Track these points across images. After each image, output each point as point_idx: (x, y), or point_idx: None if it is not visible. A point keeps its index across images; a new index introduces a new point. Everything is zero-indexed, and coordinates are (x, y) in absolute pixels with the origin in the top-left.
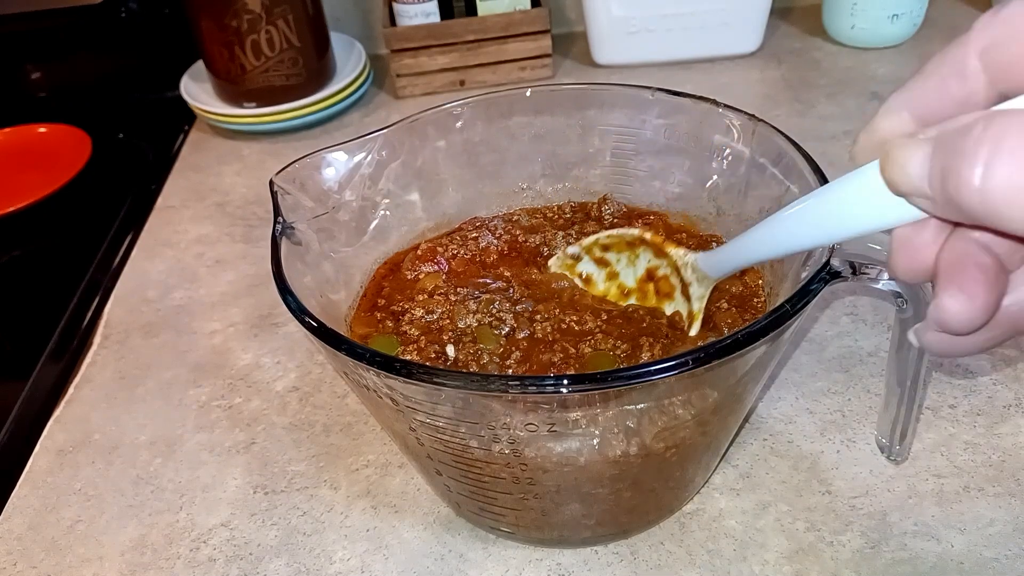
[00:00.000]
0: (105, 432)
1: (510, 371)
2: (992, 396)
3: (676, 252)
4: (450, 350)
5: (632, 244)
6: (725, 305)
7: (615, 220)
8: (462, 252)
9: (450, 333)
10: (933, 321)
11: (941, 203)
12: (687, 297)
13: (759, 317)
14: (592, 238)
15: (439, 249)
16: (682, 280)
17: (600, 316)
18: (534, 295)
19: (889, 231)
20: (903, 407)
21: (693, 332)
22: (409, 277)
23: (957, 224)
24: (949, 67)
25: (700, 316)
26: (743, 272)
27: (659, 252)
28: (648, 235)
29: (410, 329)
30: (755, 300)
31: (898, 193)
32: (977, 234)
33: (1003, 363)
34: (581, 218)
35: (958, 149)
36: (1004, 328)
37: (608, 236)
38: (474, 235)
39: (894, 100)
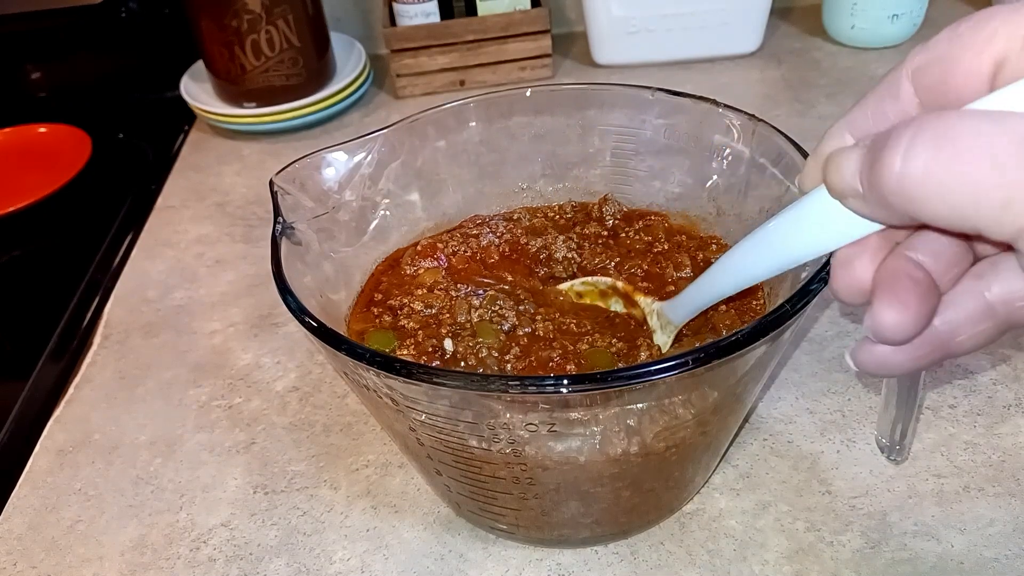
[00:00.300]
0: (105, 432)
1: (508, 366)
2: (992, 396)
3: (644, 301)
4: (448, 344)
5: (604, 293)
6: (724, 307)
7: (616, 221)
8: (462, 249)
9: (448, 327)
10: (868, 330)
11: (870, 197)
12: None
13: (759, 317)
14: (567, 284)
15: (439, 245)
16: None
17: (598, 319)
18: (537, 300)
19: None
20: (903, 407)
21: None
22: (408, 272)
23: (898, 228)
24: (885, 90)
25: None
26: None
27: (629, 301)
28: (620, 284)
29: (408, 323)
30: (754, 303)
31: (836, 195)
32: (911, 253)
33: (1003, 363)
34: (582, 219)
35: (883, 143)
36: (934, 347)
37: (583, 283)
38: (475, 233)
39: (836, 126)
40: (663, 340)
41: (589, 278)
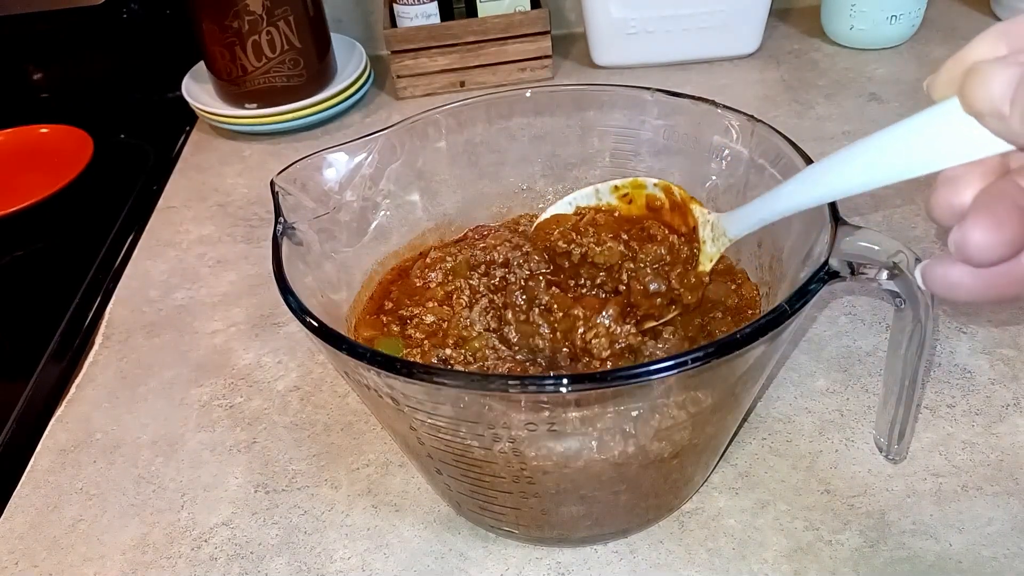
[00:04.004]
0: (107, 431)
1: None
2: (990, 396)
3: (699, 211)
4: (448, 352)
5: (653, 207)
6: (720, 314)
7: None
8: (470, 261)
9: (454, 337)
10: (952, 244)
11: (1018, 127)
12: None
13: (757, 317)
14: (616, 181)
15: (448, 258)
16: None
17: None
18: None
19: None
20: (901, 406)
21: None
22: (418, 284)
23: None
24: None
25: (706, 276)
26: (739, 284)
27: (680, 210)
28: (676, 188)
29: (415, 333)
30: (750, 312)
31: (972, 111)
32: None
33: (1001, 363)
34: None
35: None
36: (1012, 282)
37: (632, 183)
38: (481, 244)
39: (991, 30)
40: (712, 252)
41: (641, 177)
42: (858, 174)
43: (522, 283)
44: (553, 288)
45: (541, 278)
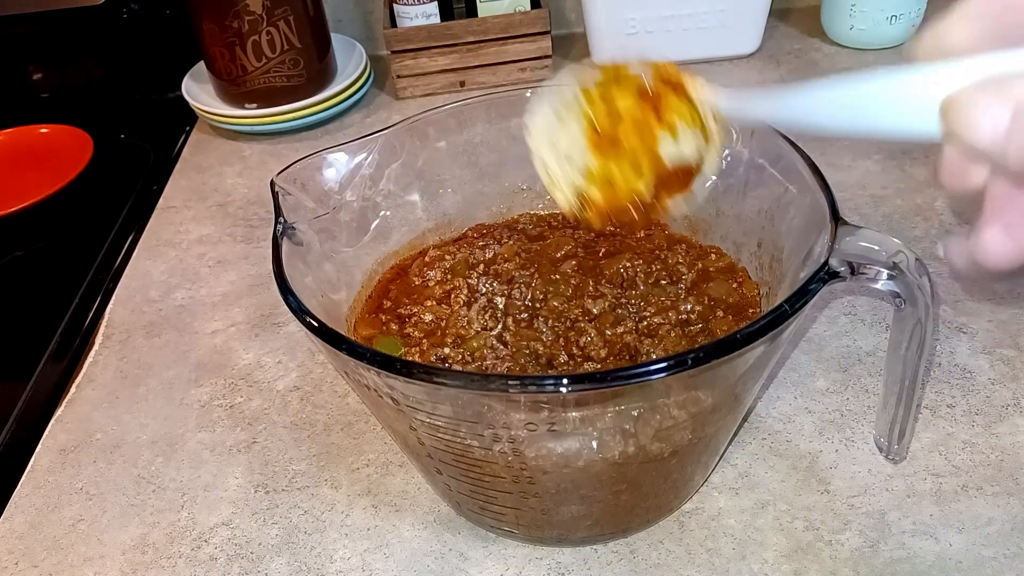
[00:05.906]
0: (107, 431)
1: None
2: (990, 396)
3: (695, 88)
4: (446, 351)
5: (645, 94)
6: (721, 313)
7: (616, 229)
8: (469, 260)
9: (453, 337)
10: (970, 252)
11: (1013, 167)
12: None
13: (757, 317)
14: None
15: (447, 257)
16: (696, 117)
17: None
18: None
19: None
20: (901, 406)
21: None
22: (417, 283)
23: None
24: None
25: (717, 155)
26: (740, 282)
27: (677, 90)
28: (663, 64)
29: (414, 332)
30: (750, 311)
31: (959, 143)
32: None
33: (1001, 363)
34: (584, 227)
35: None
36: None
37: (614, 68)
38: (481, 243)
39: (971, 5)
40: (715, 127)
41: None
42: (843, 120)
43: (526, 304)
44: (553, 302)
45: (542, 296)
